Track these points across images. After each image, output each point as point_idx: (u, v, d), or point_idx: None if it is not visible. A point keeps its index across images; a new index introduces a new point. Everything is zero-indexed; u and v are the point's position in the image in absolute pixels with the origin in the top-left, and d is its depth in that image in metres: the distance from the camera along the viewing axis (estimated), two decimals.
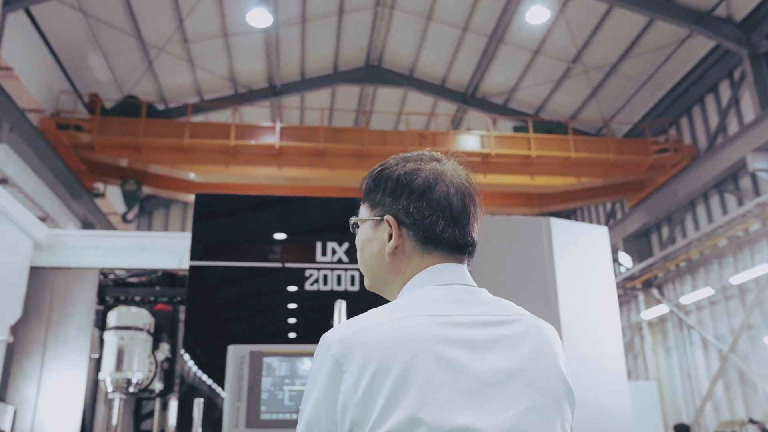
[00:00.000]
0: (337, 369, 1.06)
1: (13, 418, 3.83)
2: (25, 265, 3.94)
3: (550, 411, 1.09)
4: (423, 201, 1.25)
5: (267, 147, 14.92)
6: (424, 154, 1.34)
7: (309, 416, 1.07)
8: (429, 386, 1.02)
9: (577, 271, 3.80)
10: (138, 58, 16.26)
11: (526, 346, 1.14)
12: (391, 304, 1.20)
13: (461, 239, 1.28)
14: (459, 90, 18.96)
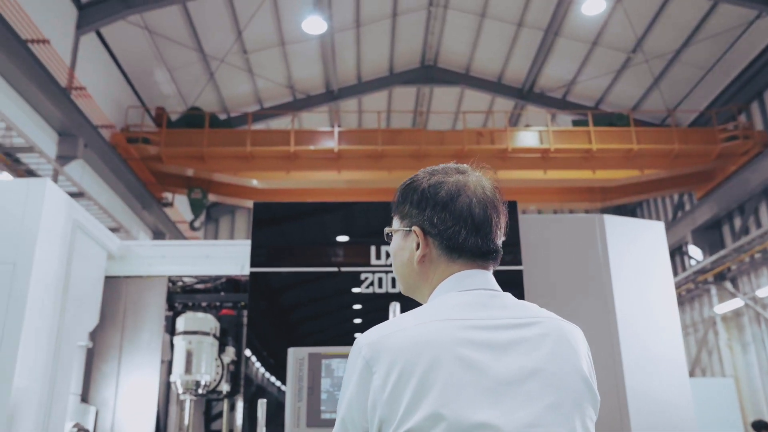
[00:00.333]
0: (368, 370, 1.15)
1: (95, 418, 4.08)
2: (100, 275, 4.19)
3: (569, 409, 1.15)
4: (446, 212, 1.32)
5: (326, 151, 15.16)
6: (450, 167, 1.40)
7: (344, 414, 1.17)
8: (450, 385, 1.09)
9: (633, 267, 3.77)
10: (200, 70, 16.84)
11: (545, 347, 1.20)
12: (419, 309, 1.27)
13: (484, 247, 1.33)
14: (516, 86, 18.78)
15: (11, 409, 3.08)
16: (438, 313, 1.22)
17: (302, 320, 3.71)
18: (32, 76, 10.31)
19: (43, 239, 3.40)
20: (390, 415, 1.10)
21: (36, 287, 3.31)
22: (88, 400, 4.10)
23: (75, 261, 3.75)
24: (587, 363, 1.26)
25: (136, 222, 15.88)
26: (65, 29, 12.77)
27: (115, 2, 13.49)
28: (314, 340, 3.51)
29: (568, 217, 3.90)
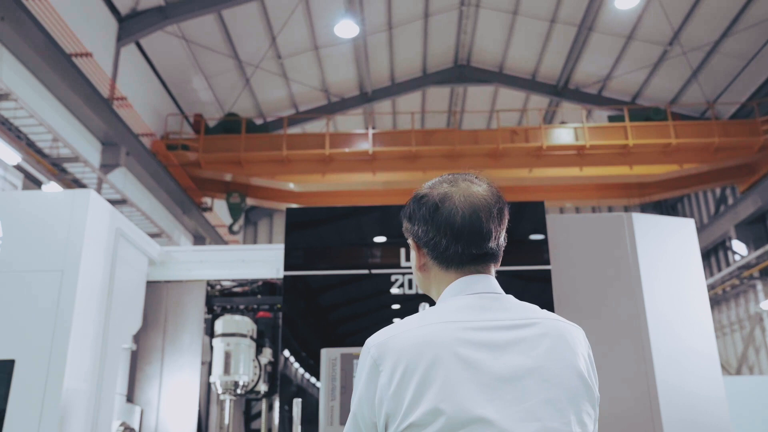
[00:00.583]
0: (375, 368, 1.25)
1: (141, 417, 4.25)
2: (142, 280, 4.36)
3: (564, 404, 1.21)
4: (428, 225, 1.40)
5: (361, 153, 15.30)
6: (443, 179, 1.46)
7: (355, 409, 1.27)
8: (449, 382, 1.18)
9: (663, 265, 3.77)
10: (236, 76, 17.16)
11: (543, 346, 1.27)
12: (425, 311, 1.36)
13: (468, 253, 1.38)
14: (550, 83, 18.63)
15: (63, 408, 3.25)
16: (441, 315, 1.31)
17: (335, 322, 3.81)
18: (77, 88, 10.68)
19: (89, 247, 3.57)
20: (395, 410, 1.19)
21: (82, 293, 3.48)
22: (133, 400, 4.27)
23: (118, 267, 3.92)
24: (585, 362, 1.31)
25: (177, 227, 16.27)
26: (107, 41, 13.19)
27: (153, 13, 13.87)
28: (347, 341, 3.61)
29: (597, 216, 3.93)
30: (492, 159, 14.76)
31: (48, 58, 9.81)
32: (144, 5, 13.84)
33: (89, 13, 12.44)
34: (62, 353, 3.30)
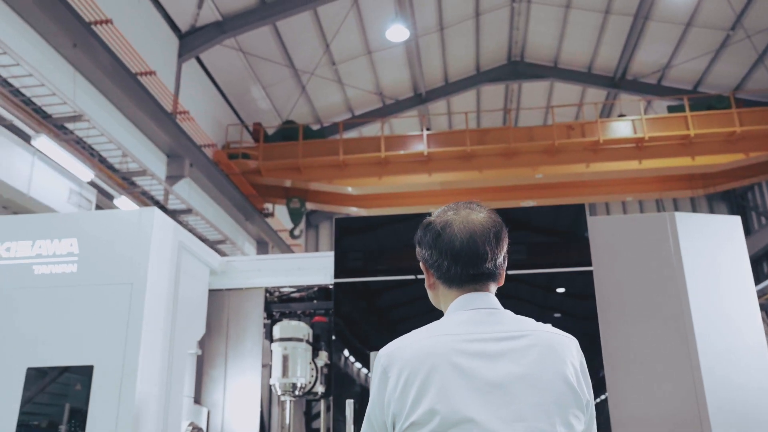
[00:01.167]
0: (384, 375, 1.43)
1: (208, 418, 4.53)
2: (204, 289, 4.64)
3: (551, 407, 1.35)
4: (433, 249, 1.57)
5: (416, 155, 15.46)
6: (449, 207, 1.62)
7: (369, 411, 1.47)
8: (444, 388, 1.34)
9: (707, 262, 3.78)
10: (292, 84, 17.61)
11: (532, 355, 1.40)
12: (431, 324, 1.52)
13: (466, 274, 1.54)
14: (607, 74, 18.30)
15: (136, 409, 3.54)
16: (443, 328, 1.48)
17: (383, 325, 3.98)
18: (142, 105, 11.26)
19: (154, 261, 3.86)
20: (399, 411, 1.37)
21: (150, 303, 3.77)
22: (200, 402, 4.55)
23: (182, 278, 4.21)
24: (573, 369, 1.44)
25: (240, 233, 16.83)
26: (169, 58, 13.81)
27: (211, 29, 14.42)
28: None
29: (639, 217, 3.97)
30: (548, 155, 14.65)
31: (116, 78, 10.39)
32: (202, 21, 14.40)
33: (152, 33, 13.06)
34: (134, 359, 3.59)
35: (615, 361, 3.59)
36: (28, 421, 3.52)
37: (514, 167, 14.74)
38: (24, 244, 3.92)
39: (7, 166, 7.55)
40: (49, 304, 3.77)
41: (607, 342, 3.61)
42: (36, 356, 3.65)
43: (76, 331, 3.67)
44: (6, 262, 3.90)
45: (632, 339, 3.64)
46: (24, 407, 3.53)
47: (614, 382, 3.54)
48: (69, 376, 3.62)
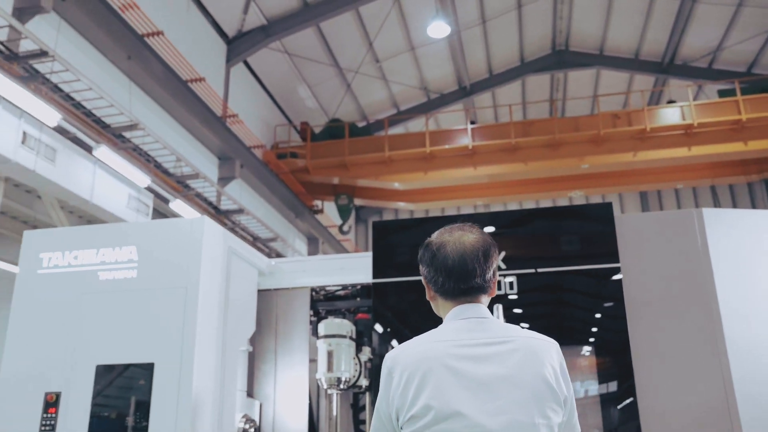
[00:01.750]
0: (389, 375, 1.67)
1: (260, 410, 4.83)
2: (253, 289, 4.94)
3: (530, 403, 1.56)
4: (430, 267, 1.80)
5: (461, 149, 15.55)
6: (445, 229, 1.83)
7: (377, 405, 1.70)
8: (438, 386, 1.56)
9: (736, 258, 3.84)
10: (338, 83, 17.92)
11: (514, 358, 1.61)
12: (430, 332, 1.75)
13: (458, 288, 1.76)
14: (655, 60, 17.95)
15: (194, 403, 3.85)
16: (439, 335, 1.71)
17: (418, 323, 4.19)
18: (194, 111, 11.74)
19: (206, 265, 4.17)
20: (401, 406, 1.60)
21: (203, 305, 4.08)
22: (252, 395, 4.85)
23: (232, 280, 4.51)
24: (552, 370, 1.64)
25: (291, 230, 17.28)
26: (217, 64, 14.30)
27: (257, 33, 14.84)
28: None
29: (665, 214, 4.06)
30: (594, 145, 14.54)
31: (168, 87, 10.87)
32: (248, 26, 14.84)
33: (201, 41, 13.55)
34: (190, 356, 3.90)
35: (643, 356, 3.70)
36: (99, 412, 3.88)
37: (560, 158, 14.68)
38: (89, 252, 4.28)
39: (71, 176, 8.06)
40: (113, 307, 4.11)
41: (635, 337, 3.73)
42: (103, 354, 3.99)
43: (137, 332, 4.00)
44: (74, 269, 4.27)
45: (660, 334, 3.75)
46: (95, 400, 3.88)
47: (642, 376, 3.66)
48: (133, 372, 3.96)
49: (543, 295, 4.07)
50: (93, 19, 9.03)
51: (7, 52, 7.21)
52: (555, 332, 3.86)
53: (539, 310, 4.09)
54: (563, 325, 4.06)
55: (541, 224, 4.31)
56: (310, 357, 5.03)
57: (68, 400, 3.91)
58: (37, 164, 7.36)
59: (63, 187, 7.89)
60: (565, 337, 3.98)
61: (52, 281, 4.25)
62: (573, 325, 4.05)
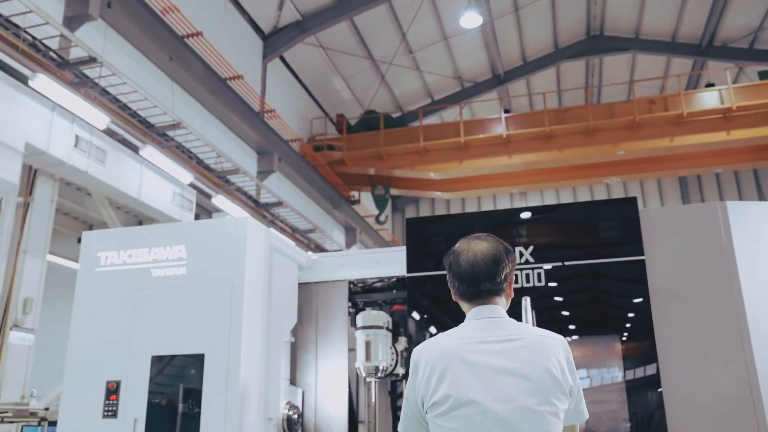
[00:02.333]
0: (416, 367, 1.90)
1: (302, 397, 5.10)
2: (295, 283, 5.20)
3: (535, 392, 1.77)
4: (450, 272, 2.05)
5: (495, 138, 15.62)
6: (466, 238, 2.05)
7: (406, 393, 1.93)
8: (455, 377, 1.79)
9: (760, 250, 3.94)
10: (372, 75, 18.12)
11: (523, 353, 1.82)
12: (452, 329, 1.97)
13: (470, 291, 1.98)
14: (693, 42, 17.64)
15: (241, 390, 4.14)
16: (458, 333, 1.94)
17: (450, 314, 4.40)
18: (233, 108, 12.10)
19: (250, 262, 4.44)
20: (425, 394, 1.84)
21: (248, 299, 4.36)
22: (295, 383, 5.12)
23: (274, 275, 4.78)
24: (558, 363, 1.83)
25: (329, 221, 17.61)
26: (254, 59, 14.64)
27: (292, 28, 15.12)
28: None
29: (689, 207, 4.17)
30: (629, 131, 14.45)
31: (208, 85, 11.24)
32: (284, 22, 15.12)
33: (238, 38, 13.89)
34: (237, 348, 4.19)
35: (668, 345, 3.85)
36: (155, 399, 4.20)
37: (595, 145, 14.63)
38: (142, 251, 4.60)
39: (120, 176, 8.46)
40: (165, 302, 4.42)
41: (660, 327, 3.88)
42: (157, 346, 4.31)
43: (188, 325, 4.30)
44: (129, 267, 4.60)
45: (685, 324, 3.88)
46: (151, 388, 4.20)
47: (667, 365, 3.81)
48: (185, 362, 4.26)
49: (570, 287, 4.23)
50: (136, 23, 9.41)
51: (59, 60, 7.60)
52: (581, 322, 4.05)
53: (567, 301, 4.25)
54: (589, 314, 4.22)
55: (568, 219, 4.46)
56: (349, 346, 5.23)
57: (127, 388, 4.24)
58: (89, 166, 7.77)
59: (113, 187, 8.30)
60: (591, 326, 4.15)
61: (109, 278, 4.58)
62: (598, 315, 4.20)
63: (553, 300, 4.20)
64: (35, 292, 7.55)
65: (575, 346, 4.15)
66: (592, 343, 4.13)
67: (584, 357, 4.08)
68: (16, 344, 7.18)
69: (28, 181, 7.59)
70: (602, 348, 4.06)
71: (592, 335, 4.12)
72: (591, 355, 4.09)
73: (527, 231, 4.38)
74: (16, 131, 6.69)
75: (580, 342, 4.13)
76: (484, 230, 4.40)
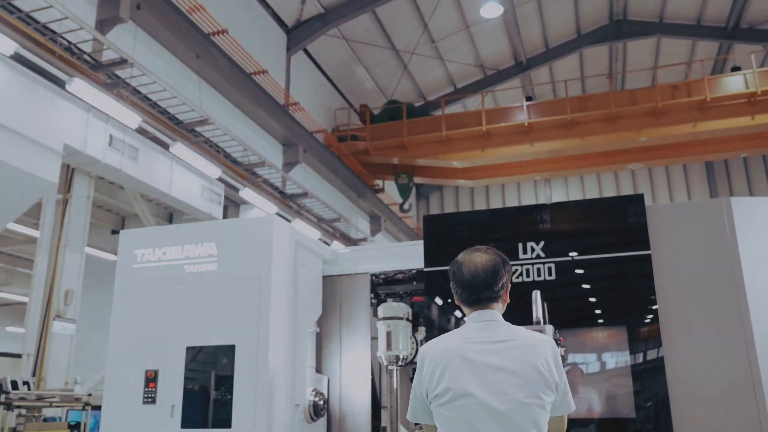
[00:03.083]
0: (422, 363, 2.15)
1: (328, 384, 5.38)
2: (319, 276, 5.47)
3: (525, 387, 2.01)
4: (453, 281, 2.28)
5: (517, 126, 15.70)
6: (468, 250, 2.29)
7: (414, 384, 2.19)
8: (455, 373, 2.04)
9: (762, 244, 4.09)
10: (395, 65, 18.27)
11: (514, 352, 2.07)
12: (454, 330, 2.23)
13: (471, 298, 2.23)
14: (719, 25, 17.42)
15: (270, 379, 4.42)
16: (459, 334, 2.19)
17: None
18: (258, 102, 12.40)
19: (276, 258, 4.71)
20: (429, 386, 2.10)
21: (276, 293, 4.63)
22: (321, 371, 5.40)
23: (299, 269, 5.05)
24: (545, 361, 2.07)
25: (354, 210, 17.89)
26: (278, 53, 14.91)
27: (315, 21, 15.34)
28: None
29: (694, 203, 4.33)
30: (652, 118, 14.41)
31: (234, 81, 11.54)
32: (306, 15, 15.35)
33: (262, 32, 14.16)
34: (266, 339, 4.47)
35: (672, 334, 4.04)
36: (190, 386, 4.51)
37: (617, 132, 14.64)
38: (176, 248, 4.90)
39: (152, 172, 8.83)
40: (198, 296, 4.71)
41: (665, 317, 4.07)
42: (192, 337, 4.61)
43: (219, 317, 4.59)
44: (163, 263, 4.90)
45: (689, 314, 4.07)
46: (186, 376, 4.51)
47: (672, 353, 4.00)
48: (217, 353, 4.56)
49: (579, 280, 4.43)
50: (165, 23, 9.72)
51: (93, 62, 7.95)
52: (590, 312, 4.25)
53: (577, 293, 4.46)
54: (597, 306, 4.42)
55: (577, 215, 4.66)
56: (372, 335, 5.47)
57: (165, 377, 4.56)
58: (122, 163, 8.13)
59: (145, 183, 8.66)
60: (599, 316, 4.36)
61: (146, 274, 4.89)
62: (606, 306, 4.40)
63: (562, 292, 4.41)
64: (75, 284, 7.96)
65: (585, 335, 4.37)
66: (600, 333, 4.34)
67: (593, 345, 4.29)
68: (59, 334, 7.61)
69: (66, 179, 7.98)
70: (610, 337, 4.27)
71: (601, 326, 4.33)
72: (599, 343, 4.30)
73: (538, 227, 4.59)
74: (55, 133, 7.06)
75: (590, 331, 4.34)
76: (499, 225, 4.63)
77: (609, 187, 22.08)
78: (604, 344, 4.28)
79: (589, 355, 4.33)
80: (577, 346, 4.28)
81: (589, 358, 4.35)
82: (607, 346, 4.26)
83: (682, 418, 3.92)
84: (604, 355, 4.27)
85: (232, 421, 4.32)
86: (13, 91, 6.60)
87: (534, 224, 4.60)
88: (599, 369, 4.30)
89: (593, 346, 4.29)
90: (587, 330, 4.32)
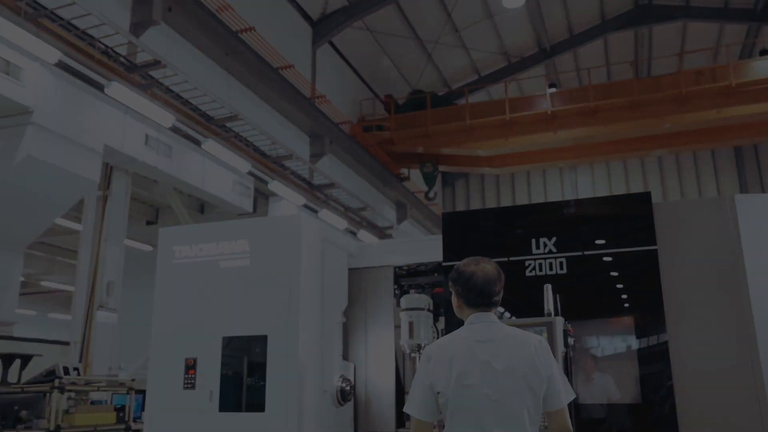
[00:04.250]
0: (427, 359, 2.46)
1: (354, 371, 5.69)
2: (345, 269, 5.76)
3: (518, 378, 2.30)
4: (464, 287, 2.57)
5: (540, 114, 15.79)
6: (470, 260, 2.59)
7: (416, 377, 2.48)
8: (459, 366, 2.33)
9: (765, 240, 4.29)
10: (419, 54, 18.43)
11: (509, 348, 2.37)
12: (458, 330, 2.51)
13: (479, 302, 2.52)
14: (747, 6, 17.19)
15: (301, 367, 4.73)
16: (462, 333, 2.49)
17: None
18: (285, 96, 12.73)
19: (305, 253, 5.01)
20: (435, 380, 2.39)
21: (305, 286, 4.94)
22: (348, 359, 5.71)
23: (327, 263, 5.35)
24: (537, 356, 2.36)
25: (380, 199, 18.18)
26: (304, 46, 15.20)
27: (339, 14, 15.58)
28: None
29: (700, 200, 4.53)
30: (676, 104, 14.38)
31: (261, 76, 11.88)
32: (331, 8, 15.59)
33: (288, 26, 14.47)
34: (295, 329, 4.77)
35: (677, 325, 4.27)
36: (227, 372, 4.86)
37: (641, 119, 14.65)
38: (211, 245, 5.23)
39: (185, 168, 9.22)
40: (232, 290, 5.04)
41: (670, 308, 4.30)
42: (227, 328, 4.95)
43: (253, 310, 4.92)
44: (201, 259, 5.24)
45: (694, 307, 4.29)
46: (223, 362, 4.86)
47: (677, 344, 4.24)
48: (251, 342, 4.89)
49: (589, 274, 4.68)
50: (195, 23, 10.08)
51: (128, 64, 8.33)
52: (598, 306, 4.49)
53: (587, 286, 4.71)
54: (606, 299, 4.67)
55: (587, 212, 4.89)
56: (396, 324, 5.76)
57: (203, 364, 4.91)
58: (157, 161, 8.54)
59: (179, 179, 9.06)
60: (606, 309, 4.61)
61: (184, 269, 5.24)
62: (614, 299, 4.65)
63: (573, 286, 4.66)
64: (116, 276, 8.42)
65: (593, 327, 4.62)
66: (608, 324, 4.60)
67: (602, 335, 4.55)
68: (102, 323, 8.08)
69: (105, 177, 8.41)
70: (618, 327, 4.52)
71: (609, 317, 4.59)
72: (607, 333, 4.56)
73: (551, 223, 4.83)
74: (96, 135, 7.47)
75: (598, 323, 4.59)
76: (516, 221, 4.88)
77: (635, 175, 21.97)
78: (612, 334, 4.53)
79: (598, 343, 4.60)
80: (586, 336, 4.54)
81: (598, 346, 4.62)
82: (614, 337, 4.51)
83: (687, 404, 4.16)
84: (612, 344, 4.53)
85: (266, 405, 4.65)
86: (58, 97, 7.02)
87: (547, 221, 4.85)
88: (607, 356, 4.56)
89: (602, 336, 4.55)
90: (596, 321, 4.57)
